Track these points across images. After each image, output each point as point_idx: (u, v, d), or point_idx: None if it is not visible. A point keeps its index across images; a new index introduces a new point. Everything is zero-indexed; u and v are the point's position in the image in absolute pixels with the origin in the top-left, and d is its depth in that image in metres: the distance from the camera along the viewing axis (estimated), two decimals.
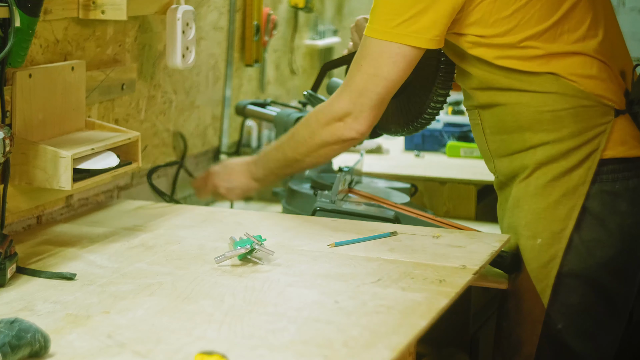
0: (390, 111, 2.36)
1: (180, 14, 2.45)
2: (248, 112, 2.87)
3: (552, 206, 2.13)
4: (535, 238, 2.14)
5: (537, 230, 2.14)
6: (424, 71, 2.27)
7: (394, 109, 2.35)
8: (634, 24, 4.21)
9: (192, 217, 2.36)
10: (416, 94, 2.31)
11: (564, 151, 2.11)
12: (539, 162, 2.13)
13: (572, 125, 2.10)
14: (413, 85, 2.30)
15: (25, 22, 1.96)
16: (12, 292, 1.82)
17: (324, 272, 1.93)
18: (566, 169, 2.12)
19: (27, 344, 1.49)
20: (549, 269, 2.13)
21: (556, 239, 2.13)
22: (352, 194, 2.57)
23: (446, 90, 2.27)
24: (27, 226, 2.24)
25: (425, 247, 2.10)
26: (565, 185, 2.12)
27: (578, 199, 2.11)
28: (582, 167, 2.11)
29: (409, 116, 2.34)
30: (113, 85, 2.44)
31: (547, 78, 2.09)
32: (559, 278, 2.13)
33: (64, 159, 2.05)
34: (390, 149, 3.22)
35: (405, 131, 2.38)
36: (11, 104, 2.07)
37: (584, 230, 2.12)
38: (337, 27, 3.82)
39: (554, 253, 2.13)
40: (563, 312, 2.14)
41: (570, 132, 2.11)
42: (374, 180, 2.74)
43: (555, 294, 2.13)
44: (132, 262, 2.00)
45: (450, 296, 1.80)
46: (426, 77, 2.28)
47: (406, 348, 1.58)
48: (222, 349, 1.51)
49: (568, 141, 2.11)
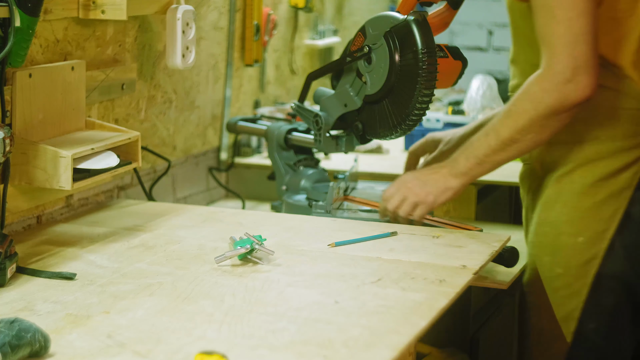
0: (377, 115, 2.36)
1: (180, 14, 2.45)
2: (240, 129, 2.85)
3: (597, 206, 2.12)
4: (577, 236, 2.13)
5: (579, 229, 2.13)
6: (407, 72, 2.27)
7: (381, 112, 2.36)
8: None
9: (192, 217, 2.36)
10: (401, 96, 2.31)
11: (613, 151, 2.10)
12: (587, 159, 2.12)
13: (628, 125, 2.09)
14: (397, 87, 2.30)
15: (25, 22, 1.96)
16: (12, 292, 1.82)
17: (324, 272, 1.93)
18: (613, 170, 2.11)
19: (27, 344, 1.49)
20: (588, 268, 2.13)
21: (598, 239, 2.12)
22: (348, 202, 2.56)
23: (430, 90, 2.27)
24: (27, 226, 2.24)
25: (425, 247, 2.10)
26: (612, 186, 2.11)
27: (622, 202, 2.11)
28: (629, 170, 2.11)
29: (396, 119, 2.34)
30: (113, 85, 2.44)
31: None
32: (598, 278, 2.13)
33: (64, 159, 2.05)
34: (390, 149, 3.21)
35: (394, 134, 2.37)
36: (11, 104, 2.07)
37: (625, 234, 2.12)
38: (337, 27, 3.82)
39: (595, 253, 2.12)
40: (597, 312, 2.14)
41: (623, 132, 2.10)
42: (371, 184, 2.74)
43: (592, 293, 2.13)
44: (132, 262, 2.00)
45: (450, 296, 1.80)
46: (409, 78, 2.28)
47: (406, 348, 1.58)
48: (222, 349, 1.51)
49: (620, 141, 2.10)
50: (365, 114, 2.42)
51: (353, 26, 3.97)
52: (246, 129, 2.86)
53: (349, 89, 2.44)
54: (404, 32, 2.28)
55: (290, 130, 2.66)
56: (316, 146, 2.55)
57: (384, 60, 2.32)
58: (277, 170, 2.67)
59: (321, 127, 2.50)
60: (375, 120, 2.38)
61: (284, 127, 2.69)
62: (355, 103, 2.43)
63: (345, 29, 3.90)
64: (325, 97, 2.51)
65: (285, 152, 2.67)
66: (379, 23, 2.35)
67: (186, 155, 2.85)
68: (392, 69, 2.31)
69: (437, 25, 2.38)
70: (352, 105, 2.44)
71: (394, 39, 2.30)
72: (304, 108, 2.57)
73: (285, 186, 2.63)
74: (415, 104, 2.28)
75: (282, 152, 2.67)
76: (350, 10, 3.97)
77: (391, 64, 2.31)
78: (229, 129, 2.90)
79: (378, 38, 2.33)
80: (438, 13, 2.40)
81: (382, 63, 2.33)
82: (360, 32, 2.39)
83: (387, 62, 2.32)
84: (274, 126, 2.71)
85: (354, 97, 2.43)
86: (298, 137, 2.65)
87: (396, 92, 2.32)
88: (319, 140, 2.52)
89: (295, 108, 2.60)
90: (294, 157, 2.67)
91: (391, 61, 2.31)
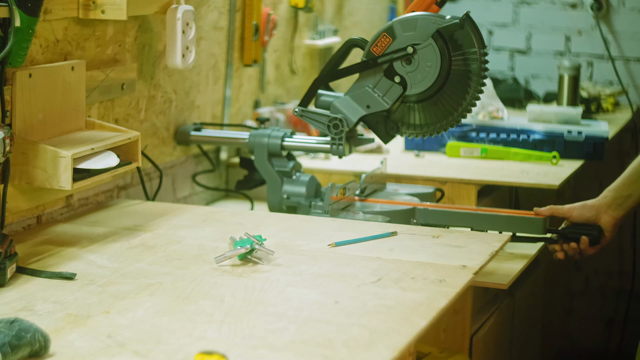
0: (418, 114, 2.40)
1: (180, 14, 2.45)
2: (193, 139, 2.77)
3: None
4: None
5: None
6: (461, 71, 2.35)
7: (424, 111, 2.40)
8: (634, 24, 4.22)
9: (192, 217, 2.36)
10: (453, 95, 2.38)
11: None
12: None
13: None
14: (449, 86, 2.37)
15: (25, 22, 1.96)
16: (12, 292, 1.82)
17: (324, 272, 1.93)
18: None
19: (27, 344, 1.49)
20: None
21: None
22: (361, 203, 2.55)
23: (483, 87, 2.36)
24: (27, 226, 2.24)
25: (425, 247, 2.10)
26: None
27: None
28: None
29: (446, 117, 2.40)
30: (113, 85, 2.44)
31: None
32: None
33: (64, 159, 2.05)
34: (391, 149, 3.21)
35: (440, 130, 2.44)
36: (11, 104, 2.07)
37: None
38: (337, 27, 3.82)
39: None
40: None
41: None
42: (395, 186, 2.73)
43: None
44: (132, 262, 2.00)
45: (450, 296, 1.80)
46: (463, 77, 2.35)
47: (406, 348, 1.58)
48: (222, 349, 1.51)
49: None
50: (400, 114, 2.45)
51: (353, 26, 3.97)
52: (202, 139, 2.78)
53: (371, 91, 2.43)
54: (454, 32, 2.34)
55: (284, 137, 2.65)
56: (332, 150, 2.53)
57: (432, 60, 2.36)
58: (269, 179, 2.63)
59: (342, 130, 2.49)
60: (414, 119, 2.43)
61: (274, 133, 2.65)
62: (381, 104, 2.43)
63: (345, 29, 3.90)
64: (339, 100, 2.49)
65: (278, 159, 2.65)
66: (414, 24, 2.37)
67: (186, 155, 2.85)
68: (444, 69, 2.36)
69: None
70: (377, 106, 2.44)
71: (444, 39, 2.35)
72: (312, 112, 2.53)
73: (287, 195, 2.61)
74: (471, 101, 2.38)
75: (275, 161, 2.65)
76: (350, 10, 3.97)
77: (442, 64, 2.36)
78: (179, 141, 2.76)
79: (421, 38, 2.36)
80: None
81: (429, 62, 2.37)
82: (385, 33, 2.39)
83: (437, 62, 2.36)
84: (260, 134, 2.66)
85: (381, 98, 2.43)
86: (298, 143, 2.63)
87: (447, 91, 2.38)
88: (339, 144, 2.50)
89: (300, 113, 2.55)
90: (287, 163, 2.65)
91: (442, 61, 2.36)
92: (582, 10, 4.28)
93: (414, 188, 2.70)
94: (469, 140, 3.18)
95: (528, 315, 3.20)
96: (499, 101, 3.44)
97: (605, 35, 4.22)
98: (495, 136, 3.18)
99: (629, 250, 4.20)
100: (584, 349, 4.32)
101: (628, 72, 4.23)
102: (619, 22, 4.23)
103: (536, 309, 3.36)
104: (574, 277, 4.33)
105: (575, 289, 4.34)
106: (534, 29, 4.36)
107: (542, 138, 3.17)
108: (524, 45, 4.39)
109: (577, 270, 4.32)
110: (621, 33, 4.22)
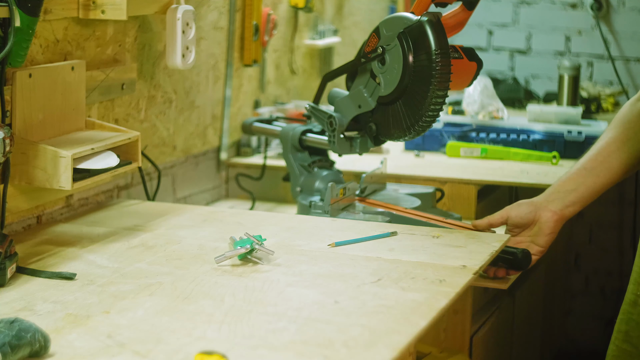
0: (391, 117, 2.36)
1: (180, 14, 2.45)
2: (255, 130, 2.87)
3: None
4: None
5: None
6: (420, 73, 2.27)
7: (394, 114, 2.36)
8: (634, 24, 4.22)
9: (192, 217, 2.36)
10: (414, 97, 2.31)
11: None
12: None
13: None
14: (411, 88, 2.30)
15: (25, 22, 1.96)
16: (12, 292, 1.82)
17: (324, 272, 1.93)
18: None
19: (27, 344, 1.49)
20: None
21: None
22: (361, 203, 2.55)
23: (444, 91, 2.27)
24: (27, 226, 2.24)
25: (425, 247, 2.10)
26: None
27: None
28: None
29: (409, 120, 2.34)
30: (113, 85, 2.44)
31: None
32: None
33: (64, 159, 2.05)
34: (391, 149, 3.21)
35: (407, 136, 2.37)
36: (11, 104, 2.07)
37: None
38: (337, 27, 3.82)
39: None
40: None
41: None
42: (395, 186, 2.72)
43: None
44: (132, 262, 2.00)
45: (450, 296, 1.80)
46: (423, 79, 2.28)
47: (406, 348, 1.58)
48: (222, 349, 1.51)
49: None
50: (379, 115, 2.42)
51: (353, 26, 3.97)
52: (261, 130, 2.86)
53: (363, 90, 2.43)
54: (418, 33, 2.28)
55: (305, 132, 2.66)
56: (330, 147, 2.55)
57: (397, 61, 2.32)
58: (291, 172, 2.67)
59: (335, 128, 2.50)
60: (389, 121, 2.38)
61: (298, 128, 2.68)
62: (369, 104, 2.43)
63: (345, 29, 3.90)
64: (340, 99, 2.50)
65: (300, 153, 2.67)
66: (392, 24, 2.35)
67: (186, 155, 2.85)
68: (406, 70, 2.31)
69: (452, 25, 2.37)
70: (366, 106, 2.44)
71: (407, 40, 2.30)
72: (318, 109, 2.56)
73: (300, 187, 2.63)
74: (429, 105, 2.28)
75: (296, 154, 2.67)
76: (350, 10, 3.97)
77: (405, 65, 2.31)
78: (244, 130, 2.91)
79: (392, 39, 2.33)
80: (453, 14, 2.38)
81: (395, 64, 2.33)
82: (374, 33, 2.39)
83: (400, 63, 2.32)
84: (289, 127, 2.71)
85: (368, 99, 2.42)
86: (312, 138, 2.65)
87: (410, 93, 2.32)
88: (333, 141, 2.51)
89: (309, 109, 2.60)
90: (308, 158, 2.67)
91: (405, 62, 2.31)
92: (582, 10, 4.28)
93: (414, 188, 2.69)
94: (469, 140, 3.18)
95: (528, 316, 3.20)
96: (499, 101, 3.44)
97: (605, 35, 4.22)
98: (495, 136, 3.18)
99: (629, 250, 4.20)
100: (584, 349, 4.32)
101: (628, 72, 4.23)
102: (619, 22, 4.24)
103: (536, 309, 3.36)
104: (574, 278, 4.33)
105: (575, 289, 4.34)
106: (534, 29, 4.36)
107: (542, 138, 3.17)
108: (524, 45, 4.39)
109: (577, 270, 4.32)
110: (621, 33, 4.23)
